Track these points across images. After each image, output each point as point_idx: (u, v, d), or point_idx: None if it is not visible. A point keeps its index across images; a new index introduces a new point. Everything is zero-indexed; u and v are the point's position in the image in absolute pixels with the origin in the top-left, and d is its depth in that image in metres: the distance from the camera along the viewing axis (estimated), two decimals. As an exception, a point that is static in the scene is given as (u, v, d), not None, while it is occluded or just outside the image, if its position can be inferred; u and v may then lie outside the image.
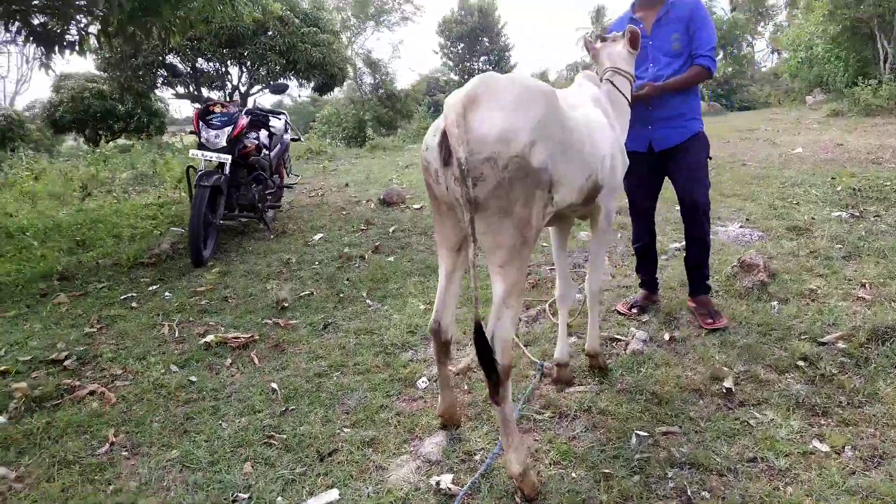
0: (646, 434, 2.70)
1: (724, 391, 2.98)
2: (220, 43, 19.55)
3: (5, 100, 29.81)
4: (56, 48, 8.48)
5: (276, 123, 6.77)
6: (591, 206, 2.77)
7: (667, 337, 3.55)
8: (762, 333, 3.50)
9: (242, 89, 22.89)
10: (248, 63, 21.24)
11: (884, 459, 2.46)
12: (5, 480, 2.63)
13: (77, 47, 8.53)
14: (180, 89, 22.51)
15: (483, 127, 2.09)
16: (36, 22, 8.05)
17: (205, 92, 22.66)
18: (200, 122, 5.72)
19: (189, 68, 21.48)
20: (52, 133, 26.34)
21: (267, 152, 6.34)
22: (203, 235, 5.43)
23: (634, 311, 3.90)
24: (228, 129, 5.65)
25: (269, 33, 19.44)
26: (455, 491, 2.40)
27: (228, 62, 21.57)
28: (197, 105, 5.99)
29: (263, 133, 6.40)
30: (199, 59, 21.02)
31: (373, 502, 2.37)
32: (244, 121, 5.83)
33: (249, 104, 6.74)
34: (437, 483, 2.45)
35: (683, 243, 4.86)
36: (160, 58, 20.20)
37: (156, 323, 4.31)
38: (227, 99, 23.29)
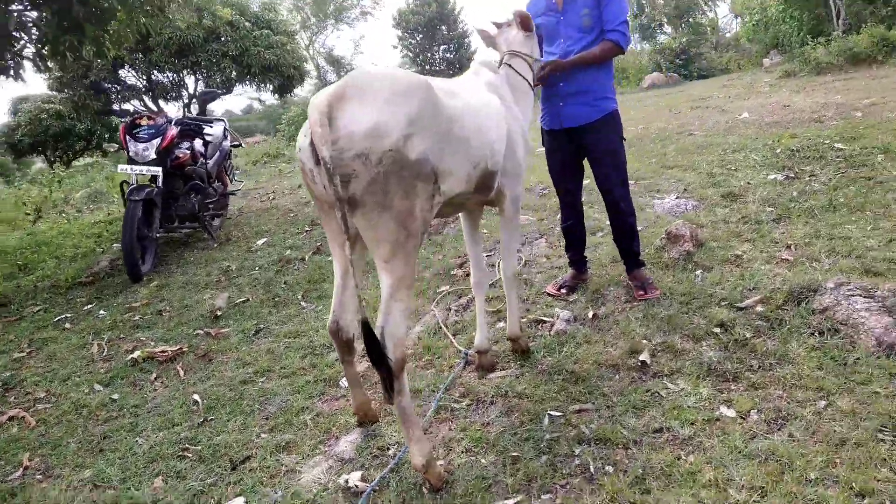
0: (559, 414, 2.71)
1: (640, 364, 2.99)
2: (171, 53, 19.32)
3: None
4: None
5: (214, 131, 6.68)
6: (488, 193, 2.76)
7: (591, 314, 3.56)
8: (684, 303, 3.52)
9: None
10: (203, 71, 20.99)
11: (787, 421, 2.48)
12: None
13: (12, 73, 8.38)
14: (136, 103, 22.20)
15: (351, 124, 2.05)
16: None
17: (162, 104, 22.38)
18: (127, 136, 5.62)
19: (144, 81, 21.21)
20: (13, 158, 25.84)
21: (204, 161, 6.25)
22: (139, 250, 5.35)
23: (563, 291, 3.90)
24: (157, 141, 5.56)
25: (222, 39, 19.21)
26: (363, 488, 2.39)
27: (183, 72, 21.31)
28: (124, 120, 5.87)
29: (198, 142, 6.30)
30: (154, 71, 20.77)
31: (279, 507, 2.35)
32: (173, 131, 5.74)
33: (199, 113, 6.63)
34: (346, 482, 2.43)
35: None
36: (113, 74, 19.96)
37: (86, 343, 4.24)
38: (186, 109, 23.05)
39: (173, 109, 23.58)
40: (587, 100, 3.58)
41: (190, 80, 22.05)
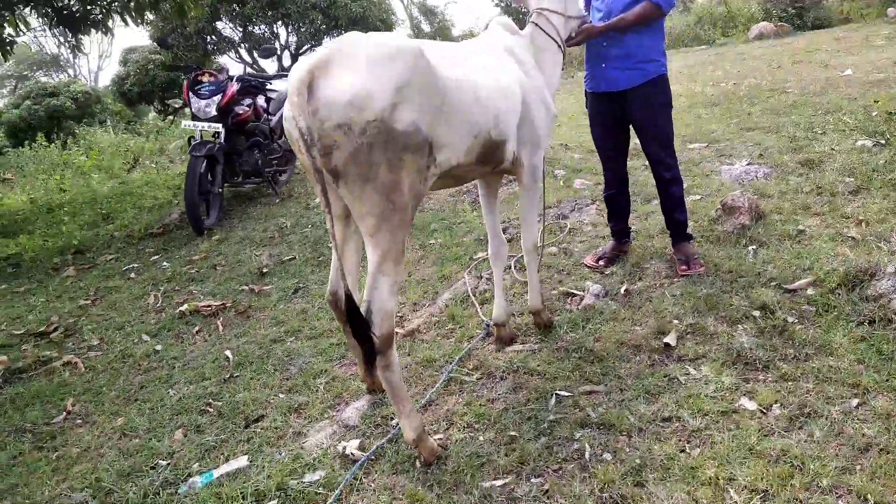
0: (567, 394, 2.62)
1: (664, 346, 2.84)
2: (263, 5, 19.79)
3: (90, 76, 31.18)
4: (81, 29, 8.79)
5: (279, 87, 6.77)
6: (497, 163, 2.64)
7: (623, 289, 3.40)
8: (728, 282, 3.29)
9: (292, 49, 23.15)
10: (293, 23, 21.37)
11: (810, 419, 2.29)
12: (-36, 450, 2.85)
13: (102, 27, 8.83)
14: (231, 55, 22.96)
15: (333, 93, 1.99)
16: (60, 5, 8.34)
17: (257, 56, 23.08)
18: (190, 93, 5.80)
19: (240, 33, 21.90)
20: (124, 105, 27.43)
21: (267, 117, 6.38)
22: (203, 204, 5.57)
23: (601, 262, 3.74)
24: (217, 98, 5.70)
25: None
26: (358, 457, 2.42)
27: (276, 24, 21.79)
28: (187, 76, 6.05)
29: (261, 99, 6.42)
30: (249, 25, 21.40)
31: (279, 467, 2.43)
32: (233, 88, 5.86)
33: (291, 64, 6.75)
34: (344, 448, 2.47)
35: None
36: (210, 26, 20.71)
37: (145, 293, 4.50)
38: (279, 62, 23.65)
39: (268, 62, 24.23)
40: (630, 63, 3.35)
41: (283, 32, 22.59)
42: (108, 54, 41.21)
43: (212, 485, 2.38)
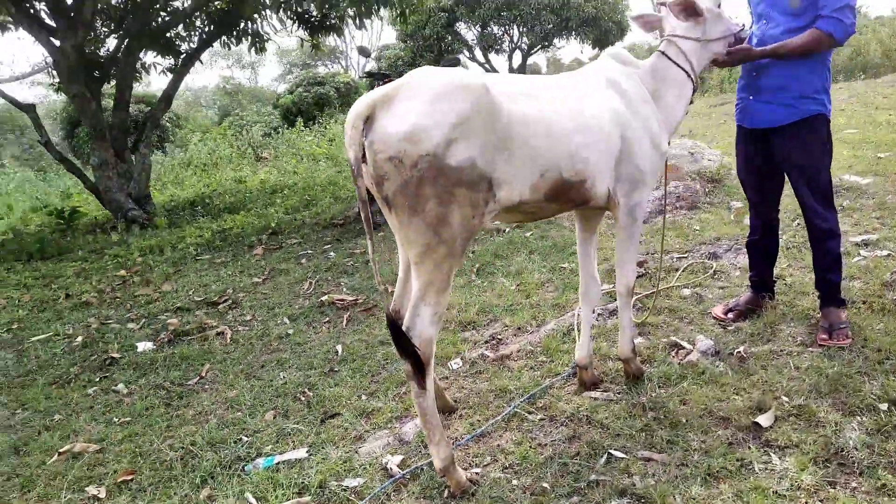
0: (622, 455, 2.44)
1: (753, 425, 2.50)
2: (498, 7, 20.50)
3: (357, 68, 34.75)
4: (320, 31, 9.95)
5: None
6: (578, 202, 2.52)
7: (738, 350, 3.03)
8: (873, 361, 2.77)
9: (524, 49, 23.66)
10: (524, 24, 21.82)
11: (893, 550, 1.89)
12: (119, 394, 3.47)
13: (336, 31, 9.94)
14: (466, 54, 24.13)
15: (390, 125, 2.08)
16: (301, 10, 9.52)
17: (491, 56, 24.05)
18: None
19: (477, 32, 23.02)
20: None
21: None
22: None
23: (730, 315, 3.36)
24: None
25: None
26: (394, 472, 2.51)
27: (512, 25, 22.46)
28: (377, 82, 6.53)
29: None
30: (486, 26, 22.39)
31: (328, 466, 2.61)
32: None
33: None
34: (387, 463, 2.58)
35: (864, 237, 4.01)
36: (449, 28, 22.04)
37: (305, 279, 5.01)
38: (509, 62, 24.31)
39: (501, 61, 25.04)
40: (783, 98, 2.96)
41: (515, 33, 23.22)
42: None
43: (270, 469, 2.64)
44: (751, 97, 3.08)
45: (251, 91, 34.46)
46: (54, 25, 7.83)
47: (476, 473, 2.44)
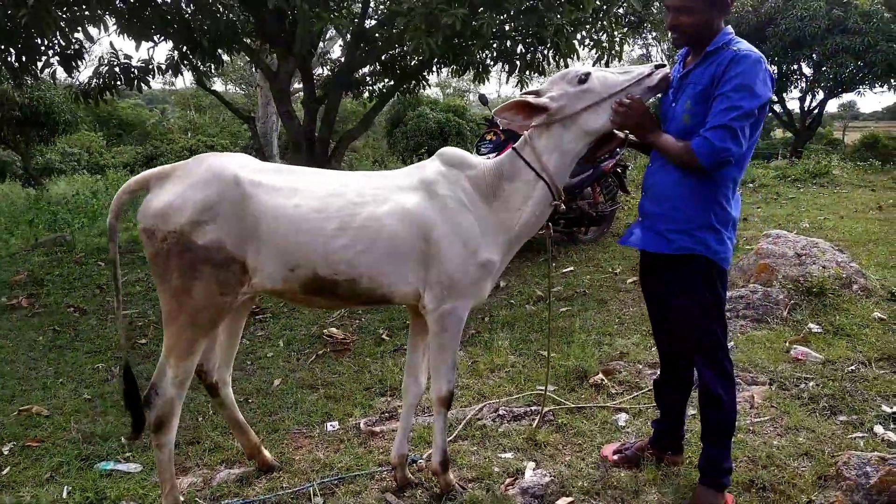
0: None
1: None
2: (785, 44, 17.76)
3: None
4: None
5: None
6: (363, 300, 2.51)
7: (565, 496, 2.61)
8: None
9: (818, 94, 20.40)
10: (815, 65, 18.91)
11: None
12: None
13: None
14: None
15: (151, 201, 2.38)
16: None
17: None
18: (476, 148, 6.32)
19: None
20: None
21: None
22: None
23: (616, 457, 2.88)
24: (492, 156, 6.05)
25: (847, 30, 16.50)
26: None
27: (798, 64, 19.64)
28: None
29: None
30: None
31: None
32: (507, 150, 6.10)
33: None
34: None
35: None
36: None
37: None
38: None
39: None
40: (657, 225, 2.50)
41: (806, 71, 20.01)
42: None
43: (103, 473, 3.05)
44: (641, 202, 2.66)
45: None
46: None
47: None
